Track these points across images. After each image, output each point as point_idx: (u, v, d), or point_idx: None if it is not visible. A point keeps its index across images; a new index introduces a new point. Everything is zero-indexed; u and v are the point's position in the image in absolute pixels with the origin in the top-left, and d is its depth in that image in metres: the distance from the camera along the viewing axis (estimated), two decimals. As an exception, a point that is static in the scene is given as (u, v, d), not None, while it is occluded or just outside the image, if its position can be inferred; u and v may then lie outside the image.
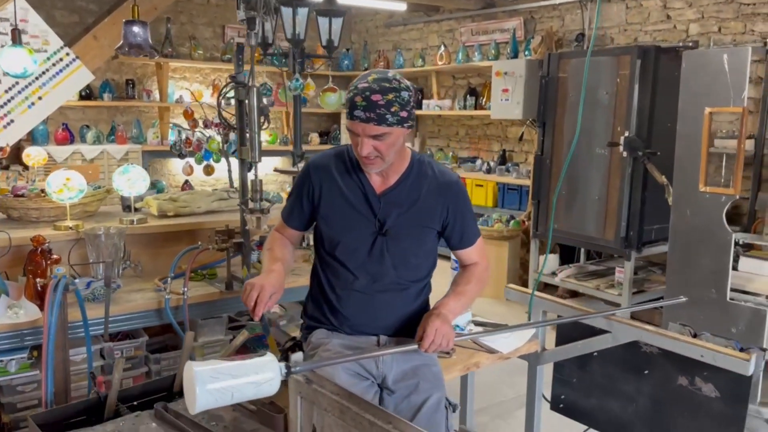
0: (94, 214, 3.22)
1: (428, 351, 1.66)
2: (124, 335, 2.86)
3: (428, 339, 1.64)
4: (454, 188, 1.86)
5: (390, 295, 1.80)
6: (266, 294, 1.59)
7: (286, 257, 1.83)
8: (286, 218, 1.90)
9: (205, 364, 1.36)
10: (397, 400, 1.72)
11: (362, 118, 1.64)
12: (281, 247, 1.86)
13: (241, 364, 1.38)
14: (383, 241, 1.78)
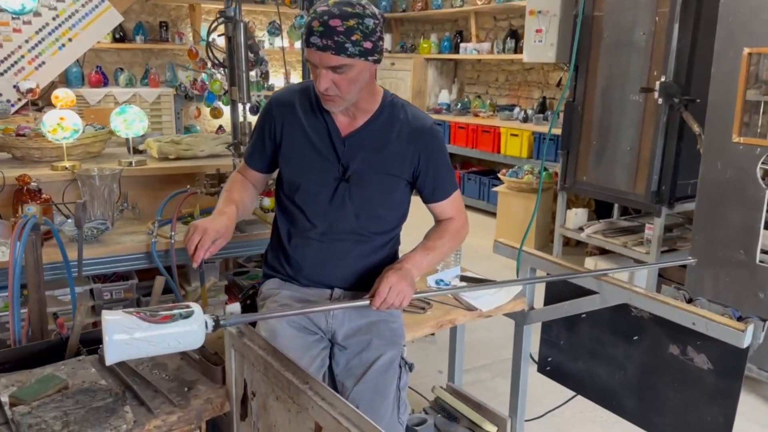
0: (98, 156, 3.21)
1: (379, 309, 1.54)
2: (119, 277, 2.86)
3: (380, 296, 1.53)
4: (427, 134, 1.69)
5: (349, 245, 1.68)
6: (208, 238, 1.49)
7: (244, 201, 1.71)
8: (247, 159, 1.78)
9: (120, 313, 1.29)
10: (348, 357, 1.62)
11: (319, 45, 1.48)
12: (240, 190, 1.74)
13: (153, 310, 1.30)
14: (346, 188, 1.65)
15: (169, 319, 1.30)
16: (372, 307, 1.54)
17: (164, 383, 1.55)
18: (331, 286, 1.69)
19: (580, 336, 2.04)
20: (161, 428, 1.41)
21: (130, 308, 1.34)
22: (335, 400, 1.17)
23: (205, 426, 1.50)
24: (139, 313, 1.31)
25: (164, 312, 1.32)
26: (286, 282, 1.72)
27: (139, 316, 1.29)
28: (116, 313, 1.28)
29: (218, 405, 1.50)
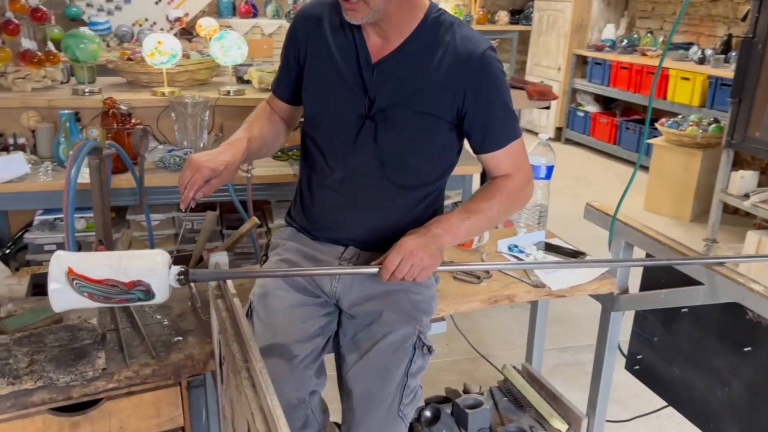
0: (204, 83, 3.18)
1: (390, 281, 1.26)
2: (205, 207, 2.84)
3: (387, 267, 1.25)
4: (477, 62, 1.33)
5: (370, 198, 1.40)
6: (200, 176, 1.28)
7: (264, 136, 1.47)
8: (273, 86, 1.55)
9: (73, 255, 1.14)
10: (357, 327, 1.37)
11: None
12: (263, 122, 1.50)
13: (117, 258, 1.14)
14: (371, 128, 1.36)
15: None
16: (381, 279, 1.27)
17: (156, 329, 1.43)
18: (345, 243, 1.43)
19: (679, 335, 1.60)
20: (133, 380, 1.29)
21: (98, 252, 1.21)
22: (266, 392, 0.93)
23: (186, 384, 1.36)
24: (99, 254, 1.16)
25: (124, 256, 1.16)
26: (298, 233, 1.49)
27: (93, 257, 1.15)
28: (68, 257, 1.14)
29: (200, 363, 1.34)
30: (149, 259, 1.14)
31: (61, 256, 1.13)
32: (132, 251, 1.17)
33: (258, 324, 1.33)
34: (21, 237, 2.64)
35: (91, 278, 1.11)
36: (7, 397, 1.19)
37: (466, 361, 2.62)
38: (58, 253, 1.14)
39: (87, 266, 1.11)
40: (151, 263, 1.14)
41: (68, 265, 1.10)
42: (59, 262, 1.12)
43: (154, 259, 1.15)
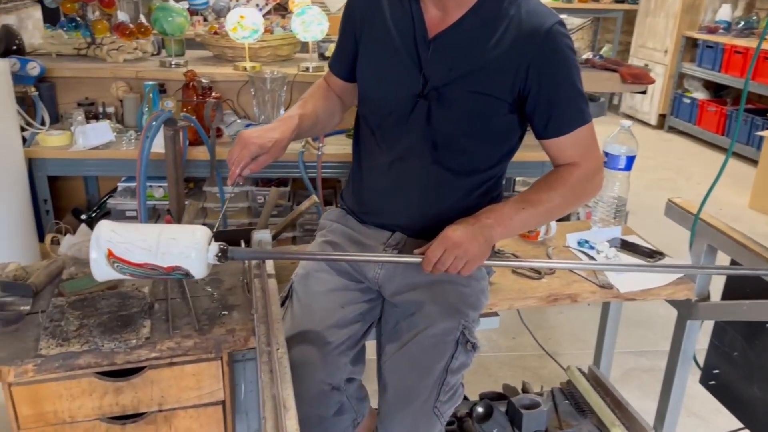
0: (286, 59, 3.19)
1: (433, 272, 1.20)
2: (280, 182, 2.86)
3: (429, 258, 1.18)
4: (542, 38, 1.22)
5: (421, 182, 1.33)
6: (248, 153, 1.25)
7: (318, 113, 1.43)
8: (330, 61, 1.50)
9: (113, 230, 1.16)
10: (398, 317, 1.31)
11: None
12: (318, 99, 1.46)
13: (155, 241, 1.14)
14: (424, 107, 1.29)
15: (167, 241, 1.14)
16: (424, 270, 1.20)
17: (204, 302, 1.44)
18: (391, 229, 1.38)
19: (762, 351, 1.43)
20: (175, 351, 1.30)
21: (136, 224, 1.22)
22: (279, 380, 0.90)
23: (227, 358, 1.36)
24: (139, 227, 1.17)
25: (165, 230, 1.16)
26: (347, 215, 1.45)
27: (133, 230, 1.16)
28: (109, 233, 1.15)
29: (241, 339, 1.33)
30: (187, 243, 1.13)
31: (102, 231, 1.14)
32: (173, 229, 1.16)
33: (296, 305, 1.30)
34: (105, 202, 2.78)
35: (130, 262, 1.13)
36: (55, 358, 1.23)
37: (532, 358, 2.51)
38: (101, 225, 1.16)
39: (126, 249, 1.12)
40: (190, 246, 1.13)
41: (108, 247, 1.11)
42: (99, 239, 1.13)
43: (193, 239, 1.14)
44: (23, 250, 2.28)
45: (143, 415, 1.36)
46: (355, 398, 1.31)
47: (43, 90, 2.67)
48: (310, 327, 1.24)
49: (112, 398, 1.32)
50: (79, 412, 1.31)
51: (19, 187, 2.24)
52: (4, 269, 1.48)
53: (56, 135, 2.52)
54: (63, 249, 2.59)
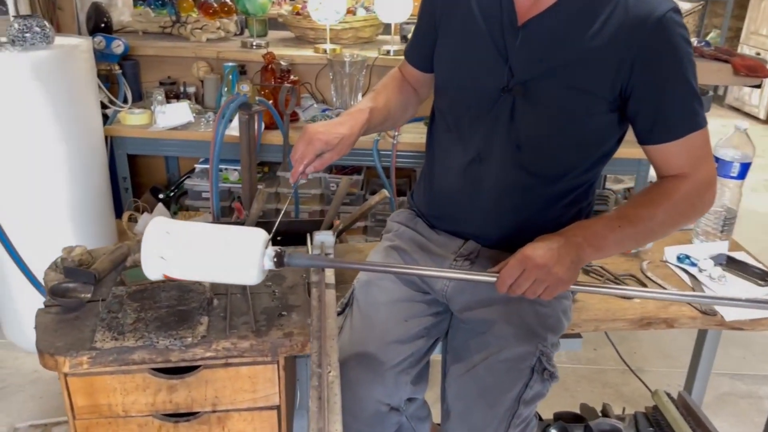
0: (368, 42, 3.09)
1: (509, 294, 1.06)
2: (353, 170, 2.78)
3: (504, 278, 1.04)
4: (654, 27, 1.05)
5: (501, 186, 1.19)
6: (312, 150, 1.16)
7: (390, 106, 1.31)
8: (406, 50, 1.38)
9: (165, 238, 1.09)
10: (467, 335, 1.19)
11: None
12: (392, 91, 1.35)
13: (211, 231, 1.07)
14: (509, 103, 1.15)
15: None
16: (498, 290, 1.07)
17: (264, 299, 1.37)
18: (464, 236, 1.25)
19: None
20: (230, 351, 1.24)
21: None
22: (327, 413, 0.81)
23: (284, 362, 1.29)
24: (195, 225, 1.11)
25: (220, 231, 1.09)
26: (416, 218, 1.33)
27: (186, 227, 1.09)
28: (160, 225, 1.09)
29: (298, 344, 1.26)
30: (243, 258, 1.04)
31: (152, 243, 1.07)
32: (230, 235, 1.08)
33: (356, 316, 1.20)
34: (182, 182, 2.79)
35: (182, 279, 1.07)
36: (110, 351, 1.20)
37: (614, 373, 2.32)
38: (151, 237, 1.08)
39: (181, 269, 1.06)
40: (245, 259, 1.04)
41: (160, 251, 1.05)
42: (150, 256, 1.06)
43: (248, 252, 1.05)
44: (100, 226, 2.31)
45: (196, 415, 1.32)
46: (416, 418, 1.20)
47: (126, 68, 2.70)
48: (370, 341, 1.14)
49: (166, 395, 1.28)
50: (132, 407, 1.27)
51: (98, 164, 2.27)
52: (70, 252, 1.47)
53: (137, 114, 2.54)
54: (139, 227, 2.63)
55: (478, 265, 1.21)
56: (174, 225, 1.09)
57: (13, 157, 1.99)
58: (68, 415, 1.27)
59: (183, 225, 1.09)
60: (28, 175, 2.02)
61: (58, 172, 2.08)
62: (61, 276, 1.42)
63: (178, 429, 1.32)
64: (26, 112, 1.95)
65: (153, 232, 1.07)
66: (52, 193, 2.09)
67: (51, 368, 1.21)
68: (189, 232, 1.08)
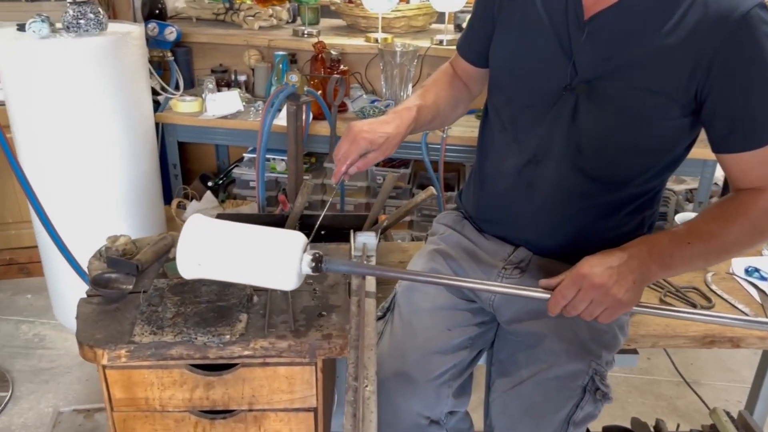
0: (421, 31, 3.02)
1: (564, 315, 0.98)
2: (401, 163, 2.72)
3: (559, 297, 0.96)
4: (736, 25, 0.95)
5: (558, 192, 1.11)
6: (356, 149, 1.11)
7: (439, 104, 1.25)
8: (458, 43, 1.31)
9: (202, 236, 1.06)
10: (514, 347, 1.12)
11: None
12: (441, 86, 1.29)
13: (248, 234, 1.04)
14: (571, 102, 1.07)
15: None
16: (548, 311, 0.99)
17: (305, 297, 1.34)
18: (515, 243, 1.18)
19: None
20: (268, 351, 1.21)
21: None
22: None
23: (321, 364, 1.25)
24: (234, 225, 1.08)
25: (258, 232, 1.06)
26: (463, 220, 1.27)
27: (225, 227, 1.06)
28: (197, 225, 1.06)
29: (337, 347, 1.22)
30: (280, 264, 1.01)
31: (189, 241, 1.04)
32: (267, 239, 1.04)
33: (397, 322, 1.15)
34: (231, 171, 2.79)
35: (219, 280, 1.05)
36: (148, 346, 1.18)
37: (669, 385, 2.20)
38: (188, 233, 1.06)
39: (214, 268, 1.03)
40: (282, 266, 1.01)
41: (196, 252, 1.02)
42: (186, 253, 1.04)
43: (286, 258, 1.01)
44: (149, 213, 2.33)
45: (233, 413, 1.29)
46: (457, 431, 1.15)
47: (179, 55, 2.71)
48: (410, 350, 1.09)
49: (203, 392, 1.26)
50: (169, 402, 1.26)
51: (148, 151, 2.28)
52: (115, 242, 1.46)
53: (188, 101, 2.55)
54: (187, 215, 2.64)
55: (528, 274, 1.14)
56: (211, 226, 1.06)
57: (64, 142, 2.02)
58: (106, 407, 1.27)
59: (220, 226, 1.06)
60: (78, 160, 2.04)
61: (108, 158, 2.10)
62: (104, 265, 1.42)
63: (215, 426, 1.30)
64: (78, 99, 1.97)
65: (189, 233, 1.04)
66: (102, 178, 2.11)
67: (90, 360, 1.20)
68: (225, 234, 1.05)
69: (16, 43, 1.91)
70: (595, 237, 1.09)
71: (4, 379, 2.07)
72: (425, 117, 1.21)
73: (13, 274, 2.64)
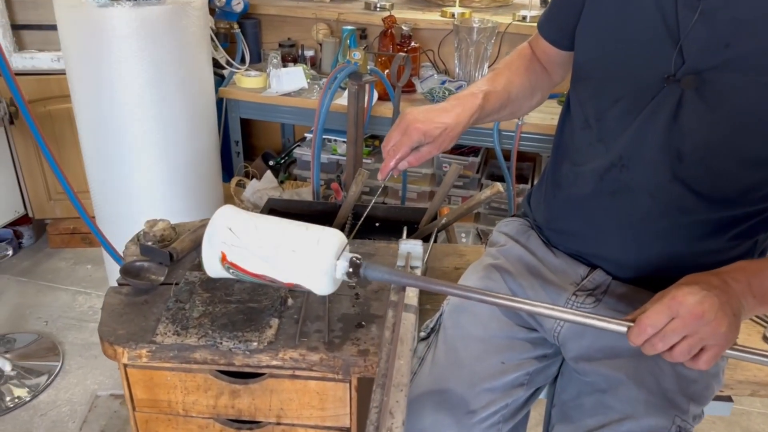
0: (503, 6, 2.79)
1: (647, 350, 0.78)
2: (470, 150, 2.53)
3: (647, 325, 0.76)
4: None
5: (648, 205, 0.91)
6: (408, 141, 0.96)
7: (510, 89, 1.07)
8: (540, 21, 1.11)
9: (233, 220, 0.95)
10: (581, 388, 0.94)
11: None
12: (515, 70, 1.10)
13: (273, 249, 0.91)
14: (675, 97, 0.86)
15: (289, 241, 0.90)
16: (629, 340, 0.80)
17: (344, 304, 1.20)
18: (591, 263, 0.98)
19: None
20: (298, 363, 1.09)
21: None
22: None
23: (356, 382, 1.11)
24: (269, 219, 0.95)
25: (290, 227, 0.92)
26: (529, 230, 1.08)
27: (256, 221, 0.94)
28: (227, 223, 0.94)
29: (372, 366, 1.08)
30: (309, 259, 0.88)
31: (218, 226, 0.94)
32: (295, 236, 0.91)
33: (441, 348, 0.99)
34: (292, 151, 2.69)
35: (246, 270, 0.92)
36: (170, 347, 1.09)
37: (759, 417, 1.94)
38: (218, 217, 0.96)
39: (241, 255, 0.92)
40: (311, 264, 0.88)
41: (222, 250, 0.92)
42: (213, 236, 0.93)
43: (317, 255, 0.88)
44: (206, 190, 2.25)
45: (260, 424, 1.19)
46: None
47: (246, 27, 2.61)
48: (455, 382, 0.93)
49: (228, 400, 1.15)
50: (193, 408, 1.17)
51: (207, 126, 2.19)
52: (153, 227, 1.37)
53: (252, 77, 2.45)
54: (247, 194, 2.56)
55: (604, 305, 0.95)
56: (239, 221, 0.94)
57: (121, 113, 1.95)
58: (128, 406, 1.18)
59: (249, 222, 0.94)
60: (134, 132, 1.98)
61: (164, 133, 2.03)
62: (139, 252, 1.34)
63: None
64: (135, 70, 1.90)
65: (215, 229, 0.93)
66: (158, 152, 2.04)
67: (110, 357, 1.12)
68: (254, 231, 0.92)
69: (75, 11, 1.86)
70: (691, 262, 0.89)
71: (56, 350, 2.07)
72: (493, 105, 1.04)
73: (76, 243, 2.66)
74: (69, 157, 2.47)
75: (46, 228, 2.70)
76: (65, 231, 2.64)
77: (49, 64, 2.41)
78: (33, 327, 2.18)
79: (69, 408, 1.83)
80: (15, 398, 1.87)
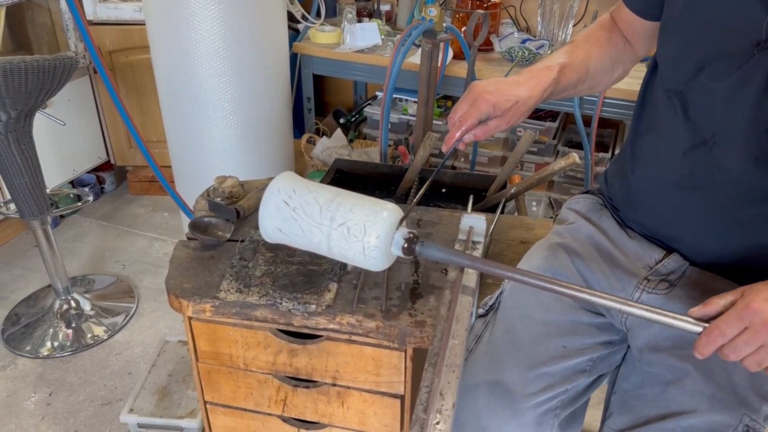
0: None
1: (722, 356, 0.74)
2: (548, 114, 2.42)
3: (718, 333, 0.71)
4: None
5: (734, 187, 0.84)
6: (475, 113, 0.92)
7: (589, 63, 1.01)
8: None
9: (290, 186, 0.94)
10: (645, 378, 0.89)
11: None
12: (595, 42, 1.03)
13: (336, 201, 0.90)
14: (766, 66, 0.78)
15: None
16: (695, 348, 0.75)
17: (404, 272, 1.19)
18: (668, 246, 0.92)
19: None
20: (355, 328, 1.09)
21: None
22: None
23: (412, 352, 1.11)
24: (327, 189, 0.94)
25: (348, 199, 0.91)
26: (602, 209, 1.02)
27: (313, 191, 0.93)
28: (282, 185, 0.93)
29: (428, 338, 1.07)
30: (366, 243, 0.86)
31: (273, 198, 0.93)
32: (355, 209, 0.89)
33: (499, 327, 0.96)
34: (363, 109, 2.66)
35: (298, 244, 0.93)
36: (233, 304, 1.11)
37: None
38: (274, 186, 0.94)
39: (294, 235, 0.91)
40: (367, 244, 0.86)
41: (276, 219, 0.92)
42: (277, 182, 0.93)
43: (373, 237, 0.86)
44: (277, 146, 2.27)
45: (316, 383, 1.21)
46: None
47: (323, -20, 2.57)
48: (511, 364, 0.90)
49: (287, 358, 1.18)
50: (253, 362, 1.20)
51: (280, 82, 2.20)
52: (222, 183, 1.40)
53: (326, 32, 2.43)
54: (317, 151, 2.57)
55: (678, 291, 0.89)
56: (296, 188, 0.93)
57: (195, 67, 1.98)
58: (191, 357, 1.23)
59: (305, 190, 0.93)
60: (208, 86, 2.01)
61: (238, 87, 2.05)
62: (208, 208, 1.37)
63: (297, 394, 1.23)
64: (211, 22, 1.91)
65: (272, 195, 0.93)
66: (232, 107, 2.07)
67: (176, 309, 1.16)
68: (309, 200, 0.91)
69: (156, -37, 1.88)
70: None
71: (132, 293, 2.18)
72: (569, 79, 0.99)
73: (155, 191, 2.76)
74: (149, 106, 2.54)
75: (126, 175, 2.82)
76: (144, 179, 2.75)
77: (131, 15, 2.46)
78: (111, 270, 2.30)
79: (141, 350, 1.93)
80: (94, 336, 2.00)
